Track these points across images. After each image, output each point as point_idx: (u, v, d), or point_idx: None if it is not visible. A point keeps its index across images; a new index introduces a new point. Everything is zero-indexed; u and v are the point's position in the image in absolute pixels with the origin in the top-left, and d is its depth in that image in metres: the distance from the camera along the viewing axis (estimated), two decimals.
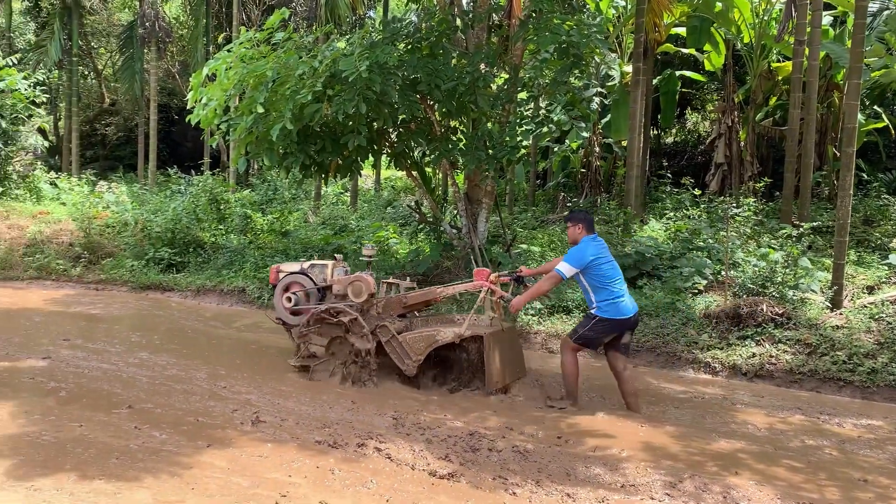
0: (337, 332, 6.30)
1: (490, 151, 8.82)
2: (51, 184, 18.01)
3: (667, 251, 9.94)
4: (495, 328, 6.16)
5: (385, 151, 10.31)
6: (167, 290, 11.24)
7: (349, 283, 6.47)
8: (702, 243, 10.15)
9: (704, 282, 9.01)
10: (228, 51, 8.96)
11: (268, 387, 6.01)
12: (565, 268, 5.73)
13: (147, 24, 19.22)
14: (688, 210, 12.15)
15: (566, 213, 14.76)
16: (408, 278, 7.48)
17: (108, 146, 28.36)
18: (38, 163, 19.45)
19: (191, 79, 9.40)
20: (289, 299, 6.76)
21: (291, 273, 7.00)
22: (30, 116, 17.21)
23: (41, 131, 18.28)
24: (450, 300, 8.24)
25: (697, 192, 12.89)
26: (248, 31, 9.01)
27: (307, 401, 5.62)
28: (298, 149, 9.18)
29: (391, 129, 9.74)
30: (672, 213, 12.31)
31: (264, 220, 13.45)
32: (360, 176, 14.77)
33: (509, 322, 7.06)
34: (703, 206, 12.26)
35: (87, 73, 26.92)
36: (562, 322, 8.49)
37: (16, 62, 17.46)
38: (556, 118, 9.08)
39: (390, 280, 6.97)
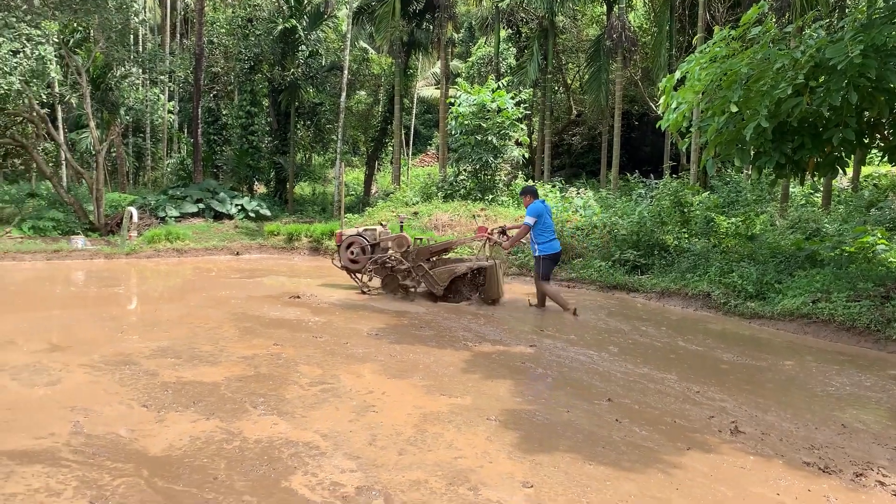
0: (387, 273, 10.38)
1: None
2: None
3: None
4: (492, 263, 9.85)
5: (877, 145, 9.09)
6: (632, 291, 11.64)
7: (394, 240, 10.21)
8: None
9: None
10: (700, 52, 8.89)
11: (742, 397, 5.78)
12: (529, 219, 9.38)
13: (614, 35, 20.19)
14: None
15: None
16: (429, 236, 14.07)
17: (573, 154, 30.82)
18: (518, 172, 22.00)
19: (661, 83, 9.57)
20: (351, 252, 10.70)
21: (350, 235, 10.79)
22: (513, 131, 19.59)
23: (519, 144, 20.67)
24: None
25: None
26: (721, 30, 8.82)
27: (789, 417, 5.24)
28: (773, 147, 8.69)
29: (886, 120, 8.53)
30: None
31: (728, 223, 12.98)
32: (845, 173, 13.21)
33: (500, 259, 11.12)
34: None
35: (557, 88, 29.58)
36: None
37: (504, 85, 20.03)
38: None
39: (420, 237, 11.29)
